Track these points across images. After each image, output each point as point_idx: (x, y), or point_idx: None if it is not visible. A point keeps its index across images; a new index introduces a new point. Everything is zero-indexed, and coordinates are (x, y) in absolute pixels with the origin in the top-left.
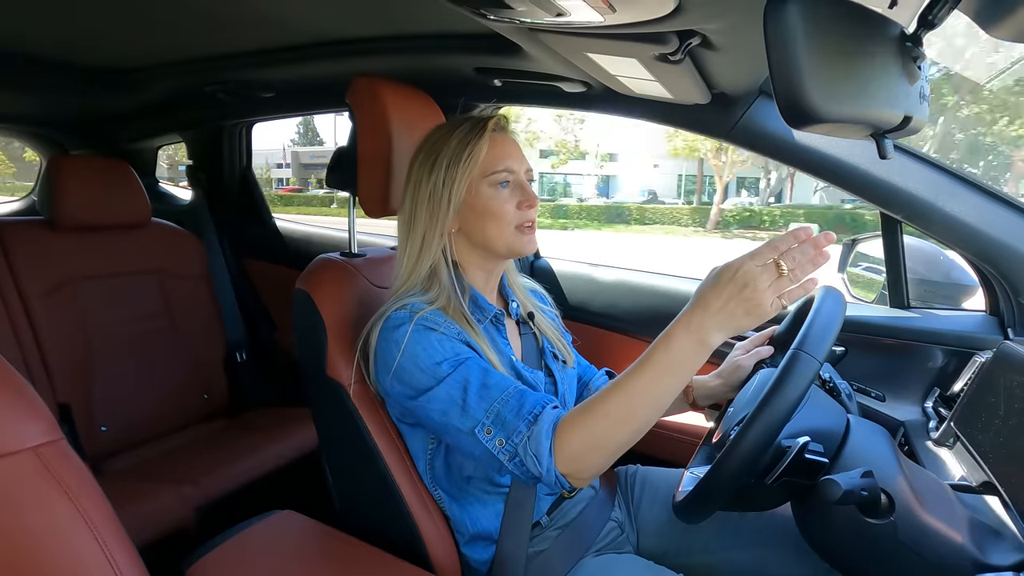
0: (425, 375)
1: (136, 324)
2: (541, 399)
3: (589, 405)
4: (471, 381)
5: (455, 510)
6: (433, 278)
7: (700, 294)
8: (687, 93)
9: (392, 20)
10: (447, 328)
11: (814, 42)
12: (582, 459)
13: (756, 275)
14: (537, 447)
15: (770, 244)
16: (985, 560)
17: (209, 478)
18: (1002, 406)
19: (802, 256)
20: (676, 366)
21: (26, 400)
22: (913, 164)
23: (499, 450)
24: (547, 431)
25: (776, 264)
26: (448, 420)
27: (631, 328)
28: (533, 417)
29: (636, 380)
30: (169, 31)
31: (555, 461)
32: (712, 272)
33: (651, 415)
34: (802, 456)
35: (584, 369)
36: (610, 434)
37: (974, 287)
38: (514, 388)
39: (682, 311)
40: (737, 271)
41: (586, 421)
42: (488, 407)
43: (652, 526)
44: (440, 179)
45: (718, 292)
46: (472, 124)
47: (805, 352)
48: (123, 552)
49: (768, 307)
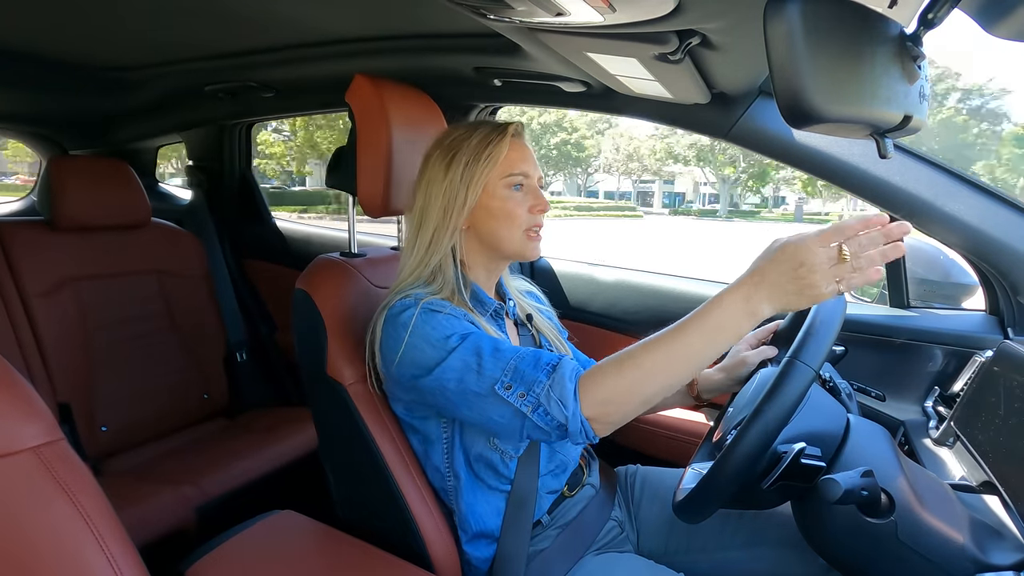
0: (436, 349)
1: (136, 324)
2: (556, 355)
3: (622, 356)
4: (483, 347)
5: (462, 505)
6: (438, 273)
7: (757, 265)
8: (687, 93)
9: (392, 20)
10: (453, 310)
11: (814, 41)
12: (608, 404)
13: (815, 255)
14: (561, 392)
15: (837, 227)
16: (985, 560)
17: (209, 478)
18: (1002, 406)
19: (870, 244)
20: (721, 329)
21: (26, 400)
22: (913, 163)
23: (521, 403)
24: (570, 375)
25: (839, 248)
26: (466, 386)
27: (631, 328)
28: (551, 367)
29: (678, 336)
30: (169, 31)
31: (581, 405)
32: (773, 244)
33: (683, 374)
34: (798, 461)
35: (584, 365)
36: (640, 384)
37: (974, 286)
38: (527, 349)
39: (737, 278)
40: (797, 248)
41: (619, 368)
42: (504, 366)
43: (652, 525)
44: (458, 177)
45: (775, 265)
46: (493, 127)
47: (800, 361)
48: (123, 552)
49: (823, 290)
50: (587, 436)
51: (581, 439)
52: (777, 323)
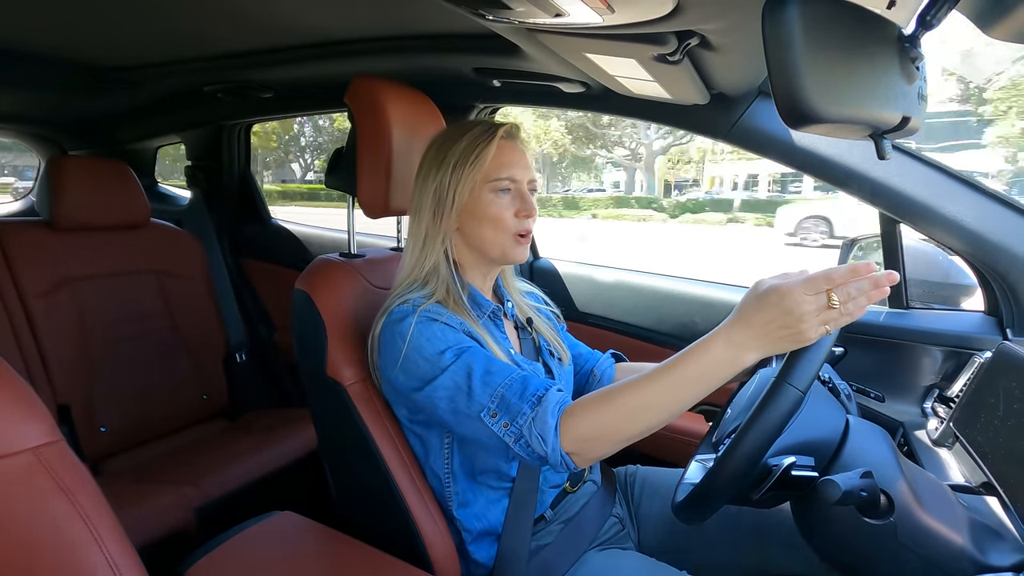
0: (430, 364)
1: (135, 324)
2: (544, 383)
3: (606, 393)
4: (474, 368)
5: (464, 507)
6: (432, 275)
7: (743, 311)
8: (686, 93)
9: (392, 20)
10: (449, 319)
11: (813, 42)
12: (588, 442)
13: (803, 304)
14: (543, 427)
15: (826, 275)
16: (984, 561)
17: (208, 479)
18: (1001, 406)
19: (857, 292)
20: (705, 376)
21: (25, 401)
22: (912, 164)
23: (504, 432)
24: (552, 410)
25: (828, 295)
26: (456, 406)
27: (631, 328)
28: (537, 399)
29: (662, 379)
30: (169, 31)
31: (561, 440)
32: (758, 287)
33: (665, 418)
34: (788, 474)
35: (586, 356)
36: (621, 426)
37: (973, 287)
38: (518, 374)
39: (722, 323)
40: (785, 296)
41: (600, 407)
42: (492, 392)
43: (652, 523)
44: (446, 178)
45: (762, 313)
46: (483, 128)
47: (789, 384)
48: (122, 553)
49: (811, 335)
50: (568, 468)
51: (563, 470)
52: None
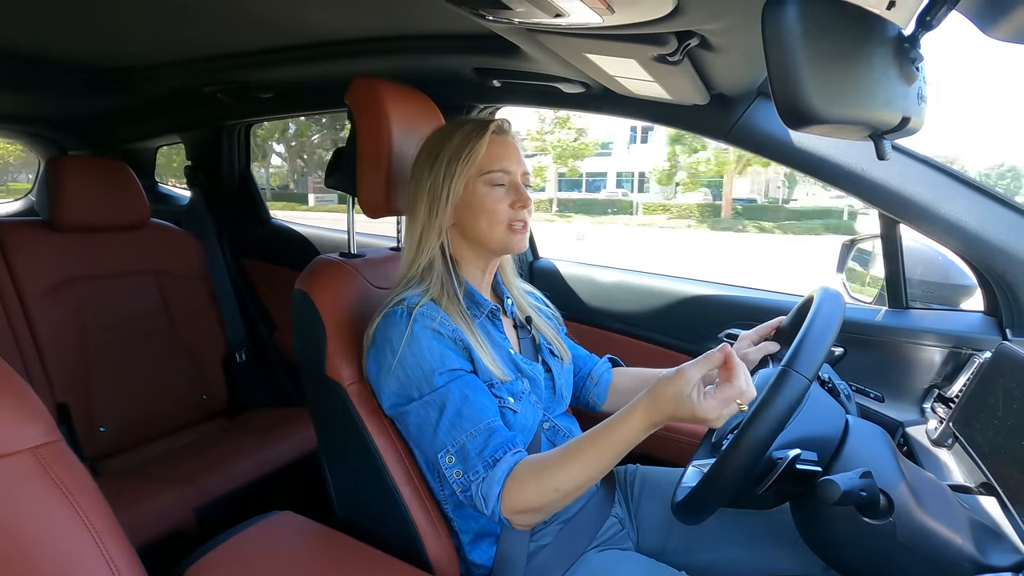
0: (411, 385)
1: (135, 324)
2: (506, 441)
3: (544, 469)
4: (448, 407)
5: (463, 508)
6: (428, 272)
7: (655, 388)
8: (686, 94)
9: (392, 20)
10: (442, 326)
11: (812, 43)
12: (525, 514)
13: (694, 383)
14: (488, 491)
15: (706, 357)
16: (984, 561)
17: (208, 479)
18: (1000, 407)
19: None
20: (624, 445)
21: (25, 401)
22: (911, 165)
23: (455, 479)
24: (500, 479)
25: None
26: (421, 437)
27: (631, 328)
28: (493, 461)
29: (588, 451)
30: (168, 31)
31: (501, 507)
32: (674, 369)
33: (591, 483)
34: (793, 467)
35: (585, 360)
36: (555, 498)
37: (972, 287)
38: (484, 425)
39: (639, 396)
40: (682, 375)
41: (538, 486)
42: (456, 439)
43: (652, 523)
44: (440, 175)
45: (667, 390)
46: (475, 124)
47: (794, 371)
48: (121, 553)
49: (708, 413)
50: (503, 526)
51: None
52: (780, 319)
